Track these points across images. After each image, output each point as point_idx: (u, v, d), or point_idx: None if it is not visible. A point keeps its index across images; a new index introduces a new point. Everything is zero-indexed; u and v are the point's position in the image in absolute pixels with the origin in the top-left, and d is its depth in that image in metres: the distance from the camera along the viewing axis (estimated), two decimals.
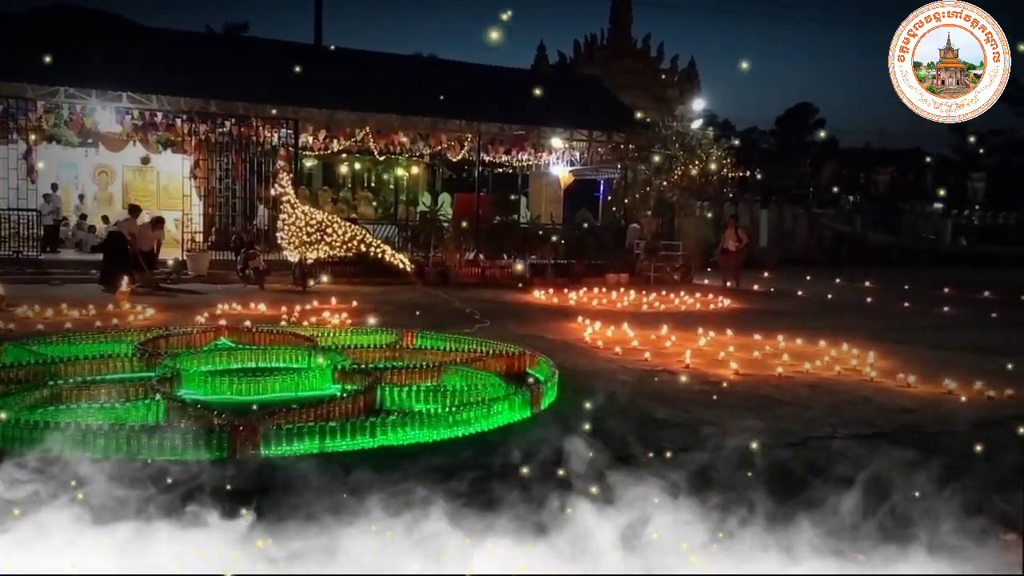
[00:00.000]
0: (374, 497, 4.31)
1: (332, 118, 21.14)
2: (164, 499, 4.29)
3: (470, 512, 4.21)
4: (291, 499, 4.42)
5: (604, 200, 26.12)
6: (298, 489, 4.61)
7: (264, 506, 4.24)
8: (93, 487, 4.45)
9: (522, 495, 4.48)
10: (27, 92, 17.85)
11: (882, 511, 4.31)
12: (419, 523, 4.00)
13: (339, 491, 4.52)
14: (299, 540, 3.79)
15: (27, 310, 11.42)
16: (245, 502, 4.24)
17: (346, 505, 4.27)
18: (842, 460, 5.57)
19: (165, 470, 4.85)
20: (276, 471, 5.02)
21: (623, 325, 11.69)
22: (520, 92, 24.57)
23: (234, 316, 11.74)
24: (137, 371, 7.36)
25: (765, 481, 4.82)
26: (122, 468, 4.83)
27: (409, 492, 4.46)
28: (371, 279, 17.75)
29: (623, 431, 6.09)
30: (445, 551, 3.75)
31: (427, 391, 6.74)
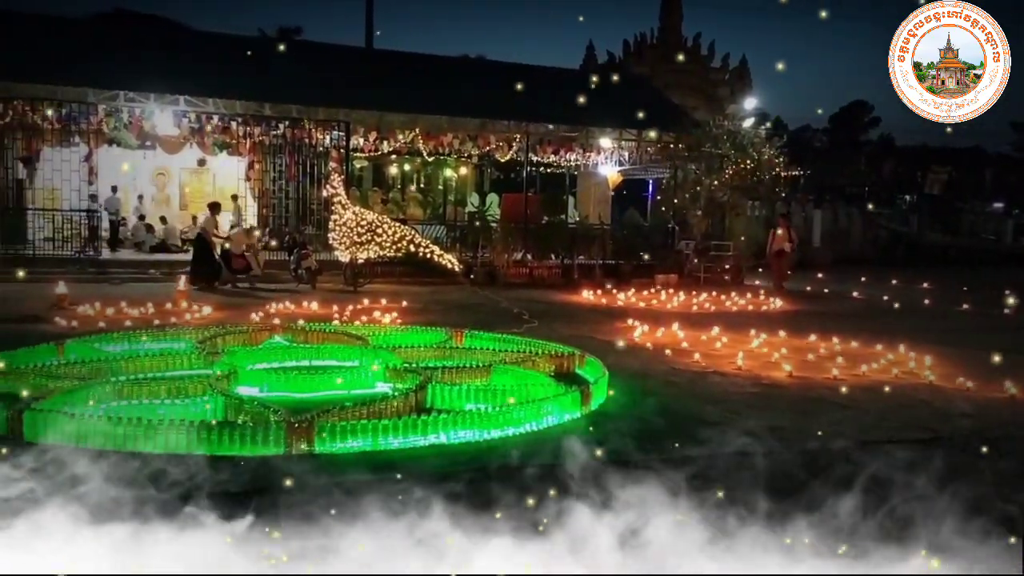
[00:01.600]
0: (434, 495, 4.35)
1: (382, 120, 21.36)
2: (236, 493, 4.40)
3: (524, 510, 4.24)
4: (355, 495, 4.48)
5: (653, 200, 25.93)
6: (357, 486, 4.68)
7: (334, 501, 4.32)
8: (161, 482, 4.59)
9: (573, 494, 4.48)
10: (88, 96, 18.38)
11: (943, 516, 4.22)
12: (479, 520, 4.04)
13: (401, 487, 4.58)
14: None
15: (88, 308, 11.75)
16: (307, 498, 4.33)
17: (413, 501, 4.32)
18: (899, 465, 5.46)
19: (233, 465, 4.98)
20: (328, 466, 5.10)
21: (673, 326, 11.60)
22: (569, 92, 24.49)
23: (287, 315, 11.94)
24: (196, 368, 7.53)
25: (820, 485, 4.75)
26: (188, 462, 4.97)
27: (464, 490, 4.50)
28: (420, 279, 17.89)
29: (673, 432, 6.06)
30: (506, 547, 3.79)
31: (477, 390, 6.78)
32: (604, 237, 21.27)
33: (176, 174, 22.74)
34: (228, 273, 16.31)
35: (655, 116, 22.67)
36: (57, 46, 19.23)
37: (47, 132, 18.59)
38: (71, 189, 18.35)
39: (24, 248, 17.56)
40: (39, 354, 7.81)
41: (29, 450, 5.05)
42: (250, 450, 5.29)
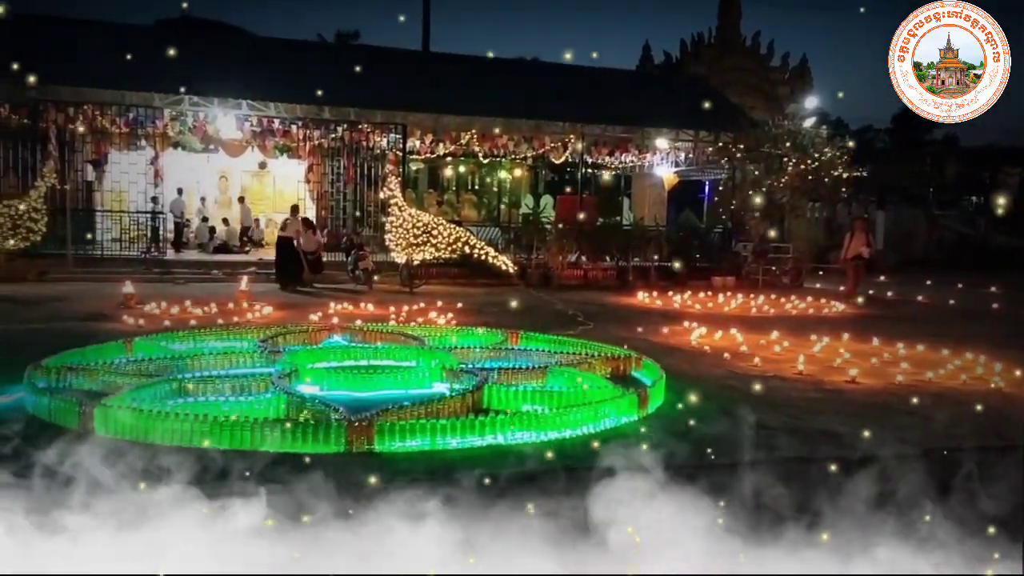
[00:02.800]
0: (495, 493, 4.37)
1: (438, 122, 21.53)
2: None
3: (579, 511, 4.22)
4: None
5: (709, 201, 25.62)
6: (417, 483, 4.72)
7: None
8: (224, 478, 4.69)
9: (630, 496, 4.44)
10: (154, 101, 18.91)
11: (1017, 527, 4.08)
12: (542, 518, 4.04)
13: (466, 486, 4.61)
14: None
15: (154, 307, 12.09)
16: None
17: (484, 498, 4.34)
18: (967, 473, 5.29)
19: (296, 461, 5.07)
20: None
21: (731, 329, 11.44)
22: (624, 93, 24.45)
23: (345, 315, 12.10)
24: (258, 366, 7.69)
25: (883, 493, 4.62)
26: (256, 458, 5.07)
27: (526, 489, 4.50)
28: (475, 280, 17.97)
29: (732, 437, 5.97)
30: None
31: (533, 392, 6.78)
32: (659, 239, 21.08)
33: (238, 177, 23.24)
34: (308, 273, 16.67)
35: (712, 116, 22.40)
36: (124, 52, 19.81)
37: (115, 136, 19.18)
38: (137, 191, 18.90)
39: (93, 248, 18.16)
40: (108, 351, 8.06)
41: (101, 444, 5.22)
42: (312, 448, 5.38)
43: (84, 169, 19.53)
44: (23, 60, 16.93)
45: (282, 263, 16.64)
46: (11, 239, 15.84)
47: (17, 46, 17.68)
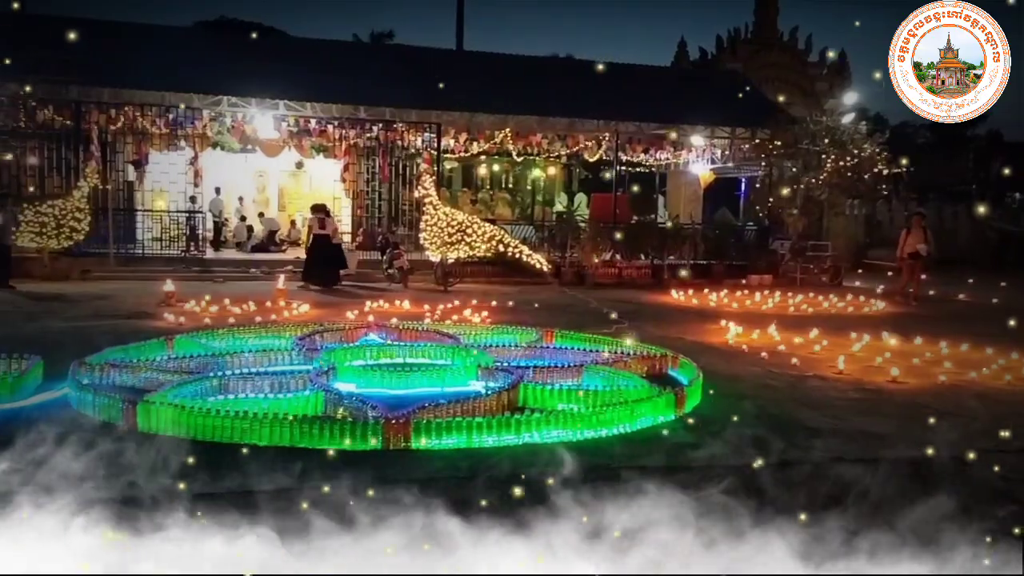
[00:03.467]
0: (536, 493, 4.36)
1: (472, 121, 21.56)
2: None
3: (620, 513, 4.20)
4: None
5: (746, 199, 25.35)
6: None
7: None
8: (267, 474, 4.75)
9: (671, 497, 4.41)
10: (193, 102, 19.19)
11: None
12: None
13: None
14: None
15: (194, 305, 12.27)
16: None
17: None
18: (1012, 476, 5.18)
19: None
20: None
21: (768, 328, 11.32)
22: (659, 89, 24.27)
23: (381, 313, 12.18)
24: (296, 364, 7.76)
25: (924, 495, 4.54)
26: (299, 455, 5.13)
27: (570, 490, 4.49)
28: (509, 279, 17.98)
29: (772, 437, 5.90)
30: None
31: (569, 391, 6.76)
32: (695, 237, 20.91)
33: (275, 176, 23.50)
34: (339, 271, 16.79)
35: (749, 112, 22.18)
36: (164, 54, 20.12)
37: (155, 136, 19.49)
38: (177, 191, 19.20)
39: (134, 247, 18.48)
40: (150, 349, 8.20)
41: (143, 439, 5.32)
42: (349, 445, 5.42)
43: (125, 169, 19.88)
44: (65, 63, 17.31)
45: (316, 262, 16.58)
46: (55, 239, 16.17)
47: (59, 49, 18.03)
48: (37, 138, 18.93)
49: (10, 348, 7.48)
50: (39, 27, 19.98)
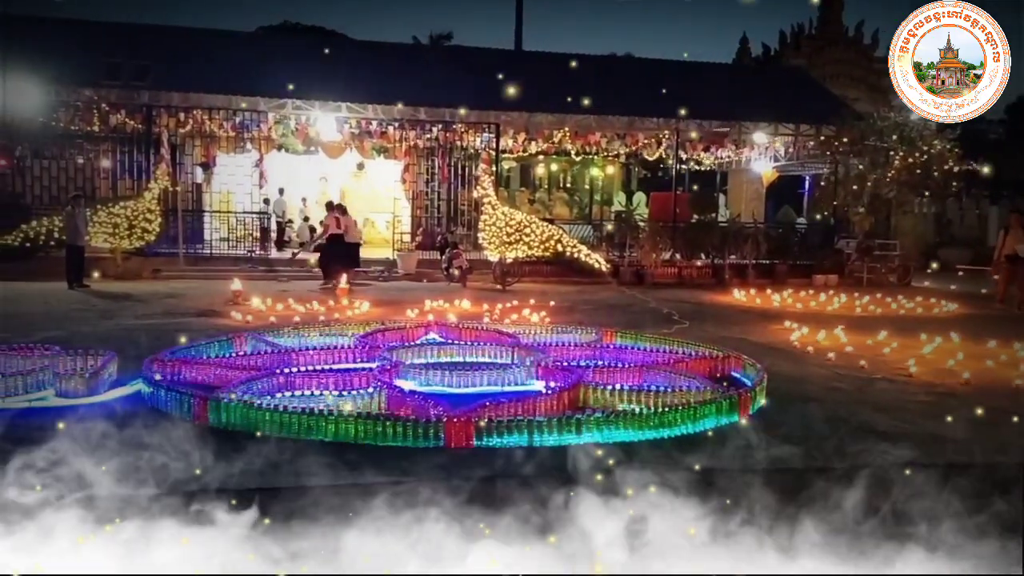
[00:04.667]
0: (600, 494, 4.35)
1: (531, 120, 21.59)
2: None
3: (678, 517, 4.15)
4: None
5: (810, 197, 24.84)
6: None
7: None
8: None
9: (730, 504, 4.35)
10: (259, 105, 19.63)
11: None
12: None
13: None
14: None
15: (260, 304, 12.55)
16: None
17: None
18: None
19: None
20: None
21: (835, 329, 11.06)
22: (721, 87, 23.95)
23: (441, 312, 12.26)
24: (358, 362, 7.87)
25: (998, 502, 4.38)
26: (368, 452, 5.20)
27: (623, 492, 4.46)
28: (567, 278, 17.95)
29: (840, 441, 5.76)
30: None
31: (630, 391, 6.71)
32: (757, 236, 20.57)
33: (336, 177, 23.87)
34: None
35: (814, 109, 21.73)
36: (230, 59, 20.65)
37: (222, 139, 20.00)
38: (244, 192, 19.67)
39: (202, 247, 18.99)
40: (219, 346, 8.40)
41: (215, 435, 5.46)
42: (412, 443, 5.47)
43: (194, 171, 20.43)
44: (140, 68, 17.90)
45: (328, 258, 16.34)
46: (127, 239, 16.71)
47: (131, 55, 18.65)
48: (110, 141, 19.64)
49: (86, 344, 7.75)
50: (112, 34, 20.72)
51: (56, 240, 15.70)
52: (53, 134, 18.98)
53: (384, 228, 22.76)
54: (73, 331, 9.65)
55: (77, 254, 14.90)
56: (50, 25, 20.42)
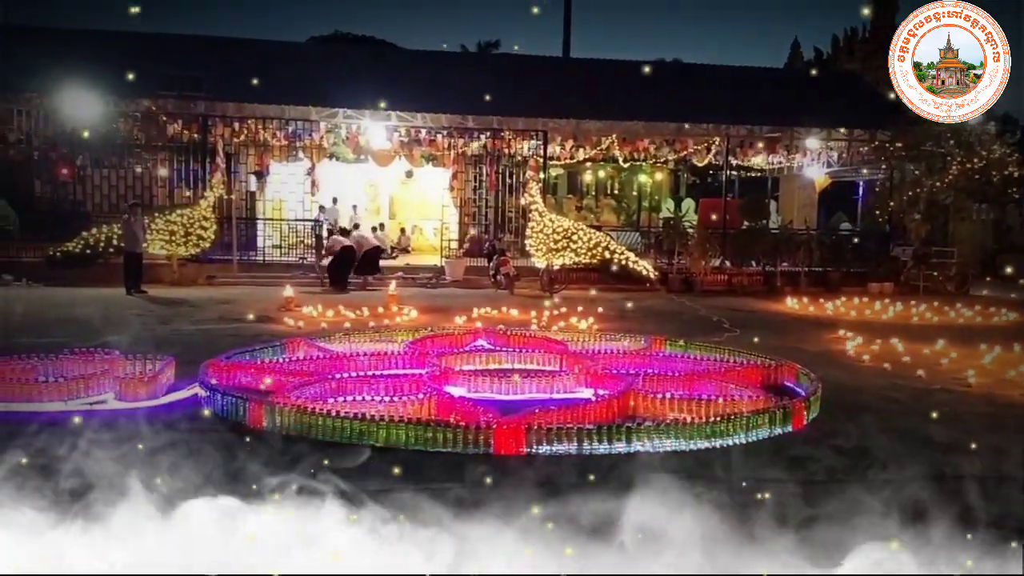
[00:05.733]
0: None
1: (579, 127, 21.56)
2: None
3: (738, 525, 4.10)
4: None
5: (864, 203, 24.34)
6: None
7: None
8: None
9: (786, 515, 4.28)
10: (311, 114, 19.94)
11: None
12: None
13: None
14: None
15: (312, 310, 12.74)
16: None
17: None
18: None
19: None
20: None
21: (890, 339, 10.82)
22: (772, 92, 23.60)
23: (488, 319, 12.30)
24: (408, 367, 7.93)
25: None
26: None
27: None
28: (615, 285, 17.86)
29: (898, 453, 5.63)
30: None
31: (680, 399, 6.64)
32: (810, 243, 20.23)
33: (386, 186, 24.11)
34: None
35: (868, 113, 21.29)
36: (283, 69, 21.00)
37: (275, 148, 20.36)
38: (295, 200, 19.99)
39: (255, 254, 19.34)
40: (272, 351, 8.55)
41: (272, 439, 5.56)
42: (461, 448, 5.49)
43: (247, 180, 20.83)
44: (196, 79, 18.33)
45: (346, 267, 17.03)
46: (183, 246, 17.10)
47: (187, 66, 19.10)
48: (167, 151, 20.14)
49: (144, 349, 7.95)
50: (169, 46, 21.25)
51: (115, 247, 16.13)
52: (112, 144, 19.52)
53: (432, 235, 22.94)
54: (132, 336, 9.89)
55: (135, 261, 15.29)
56: (109, 38, 21.01)
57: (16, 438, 5.31)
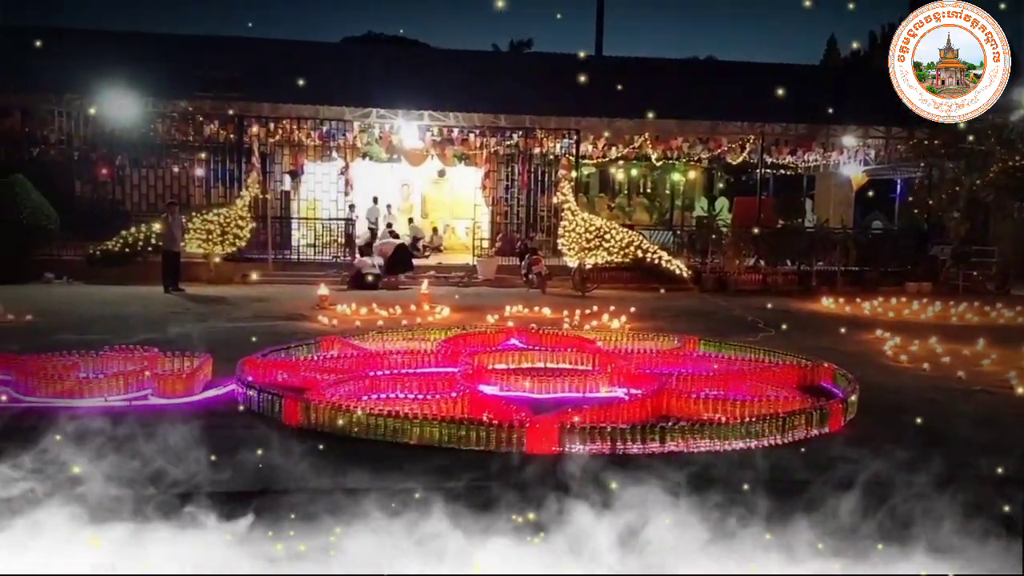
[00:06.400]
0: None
1: (611, 126, 21.46)
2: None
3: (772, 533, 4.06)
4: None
5: (902, 202, 23.95)
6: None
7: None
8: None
9: (829, 515, 4.23)
10: (345, 115, 20.08)
11: None
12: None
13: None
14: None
15: (346, 308, 12.83)
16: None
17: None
18: None
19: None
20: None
21: (929, 339, 10.63)
22: (807, 89, 23.28)
23: (520, 318, 12.30)
24: (441, 365, 7.96)
25: None
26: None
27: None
28: (647, 285, 17.76)
29: (935, 454, 5.53)
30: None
31: (715, 400, 6.59)
32: (846, 242, 19.93)
33: (418, 185, 24.21)
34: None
35: (906, 110, 20.90)
36: (317, 69, 21.15)
37: (309, 148, 20.53)
38: (329, 200, 20.16)
39: (289, 253, 19.53)
40: (307, 349, 8.63)
41: (302, 434, 5.62)
42: (495, 447, 5.50)
43: (282, 179, 21.03)
44: (232, 80, 18.56)
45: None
46: (220, 244, 17.32)
47: (222, 67, 19.34)
48: (203, 151, 20.41)
49: (182, 346, 8.06)
50: (205, 47, 21.54)
51: (153, 246, 16.39)
52: (150, 144, 19.84)
53: (464, 234, 22.99)
54: (170, 333, 10.06)
55: (173, 259, 15.52)
56: (147, 40, 21.33)
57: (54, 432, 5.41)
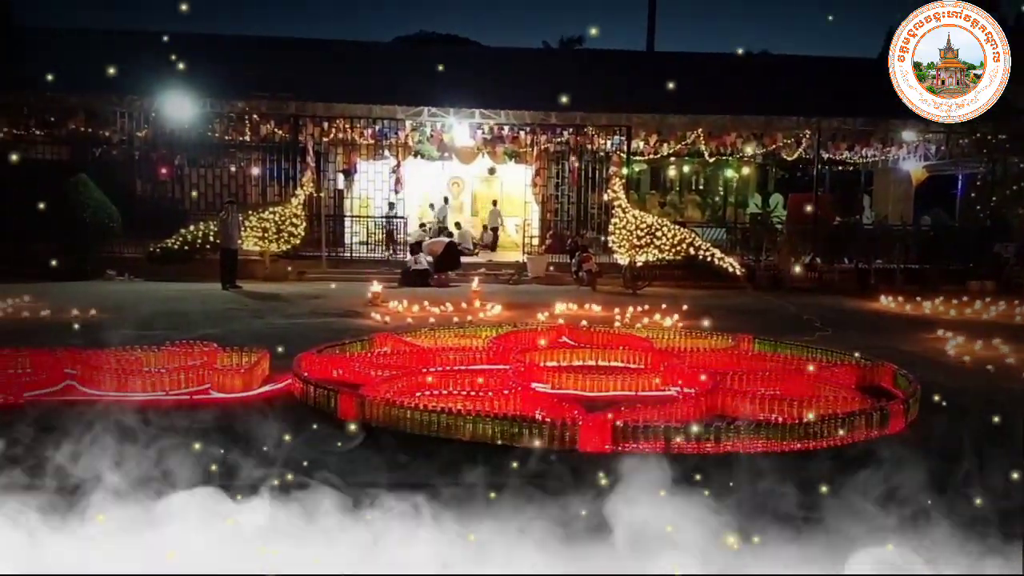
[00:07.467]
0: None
1: (663, 122, 21.26)
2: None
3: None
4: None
5: (963, 198, 23.27)
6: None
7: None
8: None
9: (888, 519, 4.13)
10: (397, 113, 20.26)
11: None
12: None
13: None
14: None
15: (398, 305, 12.95)
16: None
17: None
18: None
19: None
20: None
21: (993, 339, 10.32)
22: (865, 83, 22.76)
23: (571, 316, 12.27)
24: (493, 362, 7.99)
25: None
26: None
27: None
28: (699, 282, 17.58)
29: (1001, 458, 5.36)
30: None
31: (771, 400, 6.50)
32: (906, 239, 19.45)
33: (469, 183, 24.31)
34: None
35: None
36: (369, 69, 21.40)
37: (362, 147, 20.78)
38: (382, 198, 20.37)
39: (343, 251, 19.79)
40: (361, 345, 8.74)
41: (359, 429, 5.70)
42: (547, 445, 5.50)
43: (336, 178, 21.31)
44: (284, 81, 18.88)
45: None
46: (275, 242, 17.63)
47: (277, 68, 19.67)
48: (259, 150, 20.79)
49: (240, 342, 8.23)
50: (261, 48, 21.94)
51: (211, 243, 16.75)
52: (208, 144, 20.28)
53: (514, 232, 23.01)
54: (228, 329, 10.27)
55: (230, 257, 15.84)
56: (205, 41, 21.78)
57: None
